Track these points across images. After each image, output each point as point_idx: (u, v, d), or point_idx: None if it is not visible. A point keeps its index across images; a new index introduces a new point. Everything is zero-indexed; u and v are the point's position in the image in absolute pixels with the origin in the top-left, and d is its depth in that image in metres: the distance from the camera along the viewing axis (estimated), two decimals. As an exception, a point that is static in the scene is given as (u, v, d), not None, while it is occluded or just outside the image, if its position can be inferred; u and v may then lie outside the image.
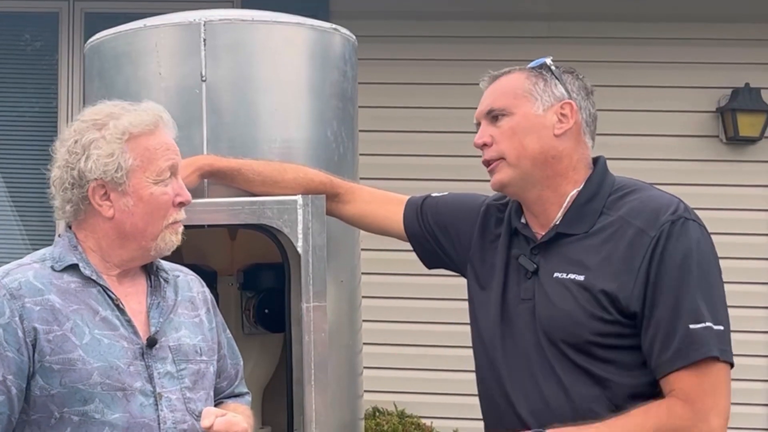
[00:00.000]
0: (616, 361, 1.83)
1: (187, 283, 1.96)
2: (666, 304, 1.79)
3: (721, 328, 1.78)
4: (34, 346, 1.69)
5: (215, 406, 1.92)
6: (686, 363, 1.77)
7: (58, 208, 1.83)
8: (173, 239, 1.83)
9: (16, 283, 1.73)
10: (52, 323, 1.70)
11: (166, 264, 1.94)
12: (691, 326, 1.76)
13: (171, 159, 1.81)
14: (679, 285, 1.78)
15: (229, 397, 2.04)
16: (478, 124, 2.02)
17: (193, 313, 1.91)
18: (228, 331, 2.05)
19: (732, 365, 1.79)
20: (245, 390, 2.11)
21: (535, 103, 1.94)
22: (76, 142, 1.79)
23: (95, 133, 1.78)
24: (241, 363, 2.08)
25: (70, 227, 1.86)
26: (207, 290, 2.01)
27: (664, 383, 1.81)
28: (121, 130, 1.78)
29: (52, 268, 1.78)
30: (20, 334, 1.69)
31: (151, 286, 1.87)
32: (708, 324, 1.77)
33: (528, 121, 1.93)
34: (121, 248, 1.81)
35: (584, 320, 1.83)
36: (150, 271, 1.89)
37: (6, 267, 1.80)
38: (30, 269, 1.77)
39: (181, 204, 1.83)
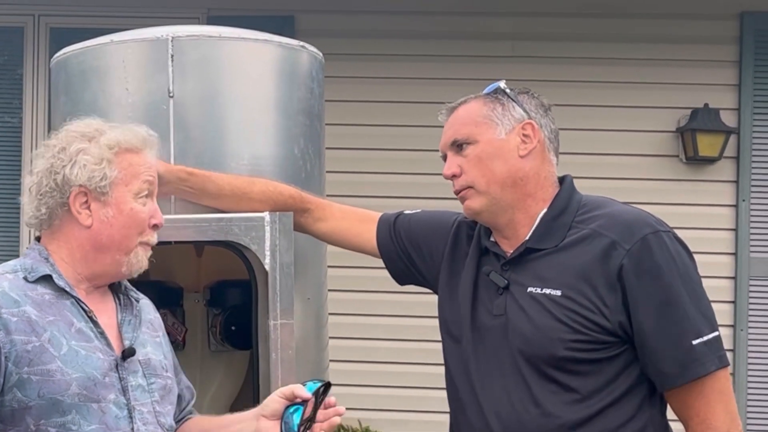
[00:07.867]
0: (591, 374, 1.84)
1: (147, 306, 1.98)
2: (659, 320, 1.81)
3: (716, 333, 1.84)
4: (7, 358, 1.65)
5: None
6: (689, 380, 1.82)
7: (31, 215, 1.82)
8: (143, 260, 1.85)
9: None
10: (30, 334, 1.68)
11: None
12: (694, 342, 1.81)
13: (151, 178, 1.85)
14: (669, 300, 1.82)
15: (184, 417, 2.04)
16: (444, 157, 2.03)
17: (153, 333, 1.93)
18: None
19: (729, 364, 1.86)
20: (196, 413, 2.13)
21: (497, 128, 1.95)
22: (63, 149, 1.80)
23: (84, 143, 1.80)
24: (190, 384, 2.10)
25: (38, 239, 1.85)
26: (159, 316, 2.03)
27: (668, 395, 1.87)
28: (114, 141, 1.81)
29: (25, 279, 1.75)
30: None
31: (121, 304, 1.88)
32: (705, 338, 1.81)
33: (492, 147, 1.95)
34: (95, 260, 1.81)
35: (561, 335, 1.83)
36: (118, 291, 1.90)
37: None
38: (4, 280, 1.74)
39: (155, 227, 1.85)
